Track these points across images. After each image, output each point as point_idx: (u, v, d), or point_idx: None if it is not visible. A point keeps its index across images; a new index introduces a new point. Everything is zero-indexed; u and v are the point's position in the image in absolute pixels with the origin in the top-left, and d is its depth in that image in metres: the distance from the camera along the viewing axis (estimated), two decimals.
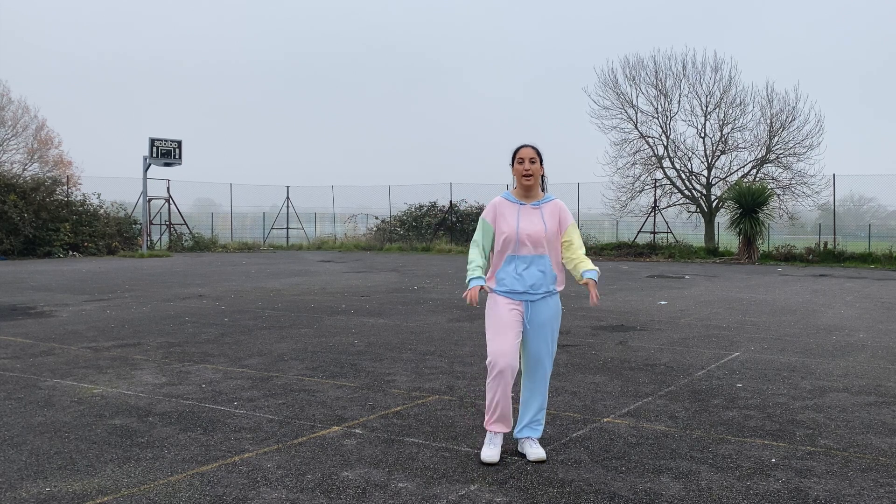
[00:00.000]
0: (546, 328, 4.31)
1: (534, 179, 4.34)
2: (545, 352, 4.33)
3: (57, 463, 4.16)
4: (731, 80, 31.65)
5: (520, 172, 4.33)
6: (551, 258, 4.31)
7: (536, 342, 4.31)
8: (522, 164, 4.33)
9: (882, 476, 4.01)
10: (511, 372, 4.20)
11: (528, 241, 4.25)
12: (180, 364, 6.92)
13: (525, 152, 4.35)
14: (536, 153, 4.36)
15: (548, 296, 4.31)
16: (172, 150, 28.86)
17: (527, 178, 4.31)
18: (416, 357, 7.31)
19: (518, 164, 4.35)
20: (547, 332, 4.32)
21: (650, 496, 3.71)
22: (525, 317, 4.29)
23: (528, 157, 4.33)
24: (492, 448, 4.24)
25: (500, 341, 4.21)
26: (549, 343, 4.35)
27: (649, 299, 12.77)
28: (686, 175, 32.57)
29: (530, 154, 4.34)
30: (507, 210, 4.35)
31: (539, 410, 4.37)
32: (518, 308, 4.28)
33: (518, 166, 4.35)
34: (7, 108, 42.63)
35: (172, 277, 17.13)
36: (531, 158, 4.33)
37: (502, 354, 4.18)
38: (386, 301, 12.28)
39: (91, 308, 11.18)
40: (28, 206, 25.76)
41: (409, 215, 34.43)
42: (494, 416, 4.26)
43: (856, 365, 7.04)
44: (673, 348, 7.89)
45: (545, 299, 4.31)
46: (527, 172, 4.31)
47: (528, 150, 4.35)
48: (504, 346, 4.20)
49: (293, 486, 3.80)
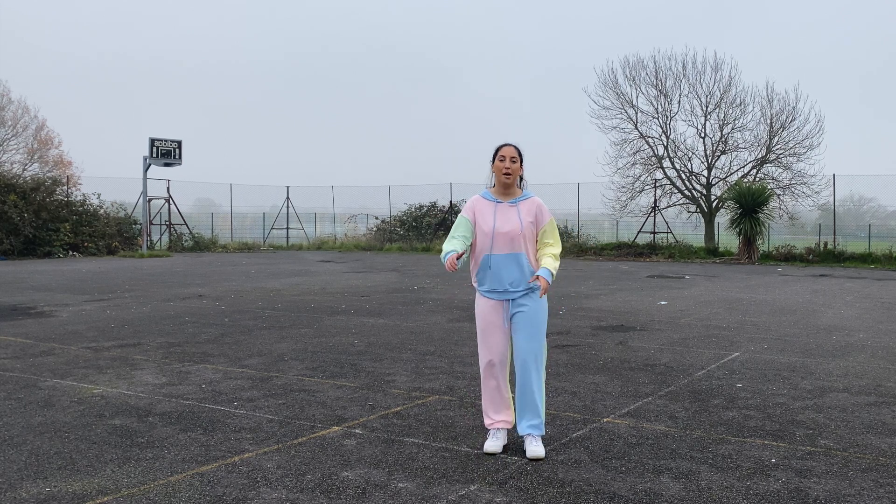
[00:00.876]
0: (529, 324, 4.37)
1: (513, 178, 4.42)
2: (531, 349, 4.38)
3: (57, 463, 4.16)
4: (732, 80, 31.67)
5: (500, 170, 4.41)
6: (529, 255, 4.39)
7: (521, 339, 4.39)
8: (504, 161, 4.41)
9: (882, 476, 4.01)
10: (501, 365, 4.40)
11: (505, 239, 4.34)
12: (180, 364, 6.92)
13: (507, 151, 4.42)
14: (518, 153, 4.45)
15: (528, 292, 4.39)
16: (172, 150, 28.87)
17: (507, 175, 4.40)
18: (416, 357, 7.31)
19: (500, 161, 4.42)
20: (531, 329, 4.38)
21: (650, 496, 3.71)
22: (507, 314, 4.40)
23: (510, 155, 4.41)
24: (494, 440, 4.38)
25: (487, 340, 4.42)
26: (535, 339, 4.39)
27: (649, 299, 12.77)
28: (686, 175, 32.57)
29: (512, 153, 4.42)
30: (485, 208, 4.45)
31: (534, 408, 4.38)
32: (500, 307, 4.40)
33: (499, 163, 4.42)
34: (7, 108, 42.65)
35: (172, 277, 17.13)
36: (512, 157, 4.41)
37: (489, 349, 4.40)
38: (386, 301, 12.28)
39: (91, 308, 11.17)
40: (28, 206, 25.76)
41: (409, 215, 34.43)
42: (491, 410, 4.44)
43: (856, 365, 7.04)
44: (673, 348, 7.89)
45: (526, 296, 4.39)
46: (507, 171, 4.39)
47: (510, 149, 4.43)
48: (491, 342, 4.40)
49: (293, 486, 3.80)
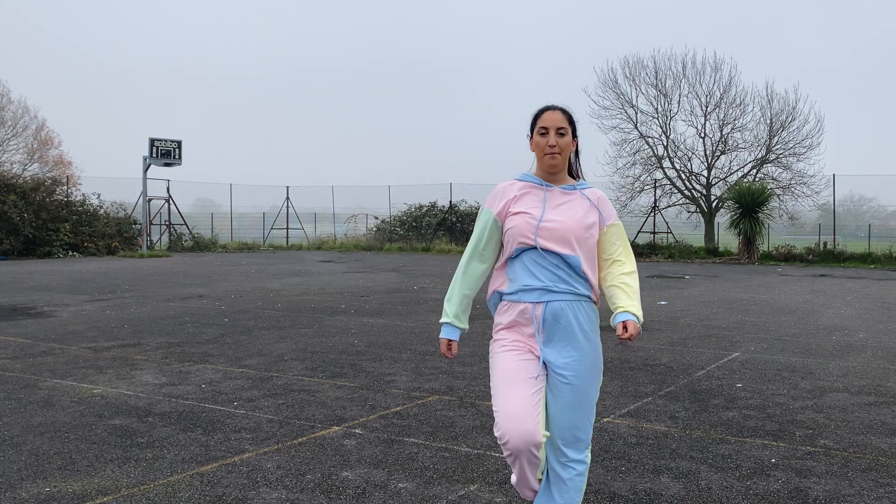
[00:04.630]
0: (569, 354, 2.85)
1: (562, 158, 2.92)
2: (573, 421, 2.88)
3: (57, 463, 4.15)
4: (731, 81, 31.70)
5: (541, 148, 2.91)
6: (584, 265, 2.89)
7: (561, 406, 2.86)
8: (546, 135, 2.91)
9: (882, 476, 4.01)
10: (529, 451, 2.77)
11: (554, 237, 2.86)
12: (180, 364, 6.92)
13: (551, 118, 2.91)
14: (568, 119, 2.94)
15: (573, 300, 2.87)
16: (172, 150, 28.87)
17: (552, 155, 2.90)
18: (416, 357, 7.31)
19: (540, 135, 2.93)
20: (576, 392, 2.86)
21: (650, 496, 3.71)
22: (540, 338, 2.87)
23: (556, 125, 2.90)
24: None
25: (508, 397, 2.81)
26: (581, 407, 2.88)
27: (649, 299, 12.76)
28: (686, 175, 32.58)
29: (558, 121, 2.90)
30: (526, 194, 2.95)
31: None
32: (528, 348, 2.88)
33: (540, 139, 2.92)
34: (7, 108, 42.68)
35: (172, 277, 17.13)
36: (559, 129, 2.90)
37: (512, 420, 2.77)
38: (386, 301, 12.27)
39: (91, 308, 11.17)
40: (28, 206, 25.75)
41: (408, 215, 34.44)
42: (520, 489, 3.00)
43: (856, 365, 7.04)
44: (673, 348, 7.89)
45: (569, 303, 2.86)
46: (553, 148, 2.89)
47: (554, 115, 2.92)
48: (513, 404, 2.79)
49: (293, 486, 3.80)
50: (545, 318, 2.85)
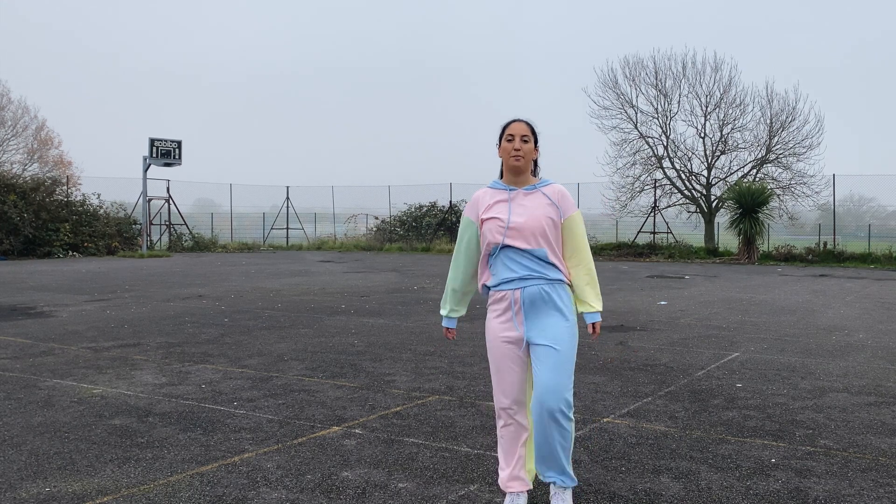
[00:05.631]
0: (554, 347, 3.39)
1: (525, 161, 3.50)
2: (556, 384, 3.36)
3: (57, 463, 4.16)
4: (731, 81, 31.67)
5: (508, 152, 3.49)
6: (552, 257, 3.46)
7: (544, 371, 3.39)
8: (512, 141, 3.49)
9: (882, 476, 4.01)
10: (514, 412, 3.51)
11: (522, 235, 3.42)
12: (180, 364, 6.92)
13: (516, 128, 3.51)
14: (530, 129, 3.54)
15: (544, 283, 3.44)
16: (172, 151, 28.88)
17: (516, 158, 3.47)
18: (416, 357, 7.31)
19: (507, 141, 3.51)
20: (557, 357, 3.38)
21: (650, 496, 3.71)
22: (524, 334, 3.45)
23: (520, 133, 3.50)
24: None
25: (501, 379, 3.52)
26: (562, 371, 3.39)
27: (649, 299, 12.76)
28: (686, 175, 32.56)
29: (522, 130, 3.51)
30: (494, 200, 3.53)
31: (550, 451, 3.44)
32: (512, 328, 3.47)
33: (507, 144, 3.50)
34: (7, 108, 42.67)
35: (172, 277, 17.13)
36: (523, 136, 3.50)
37: (503, 393, 3.51)
38: (386, 301, 12.27)
39: (91, 308, 11.17)
40: (28, 207, 25.76)
41: (408, 215, 34.44)
42: (504, 472, 3.58)
43: (856, 365, 7.04)
44: (673, 348, 7.89)
45: (541, 286, 3.43)
46: (517, 152, 3.47)
47: (520, 126, 3.52)
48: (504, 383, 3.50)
49: (293, 487, 3.80)
50: (524, 301, 3.45)
